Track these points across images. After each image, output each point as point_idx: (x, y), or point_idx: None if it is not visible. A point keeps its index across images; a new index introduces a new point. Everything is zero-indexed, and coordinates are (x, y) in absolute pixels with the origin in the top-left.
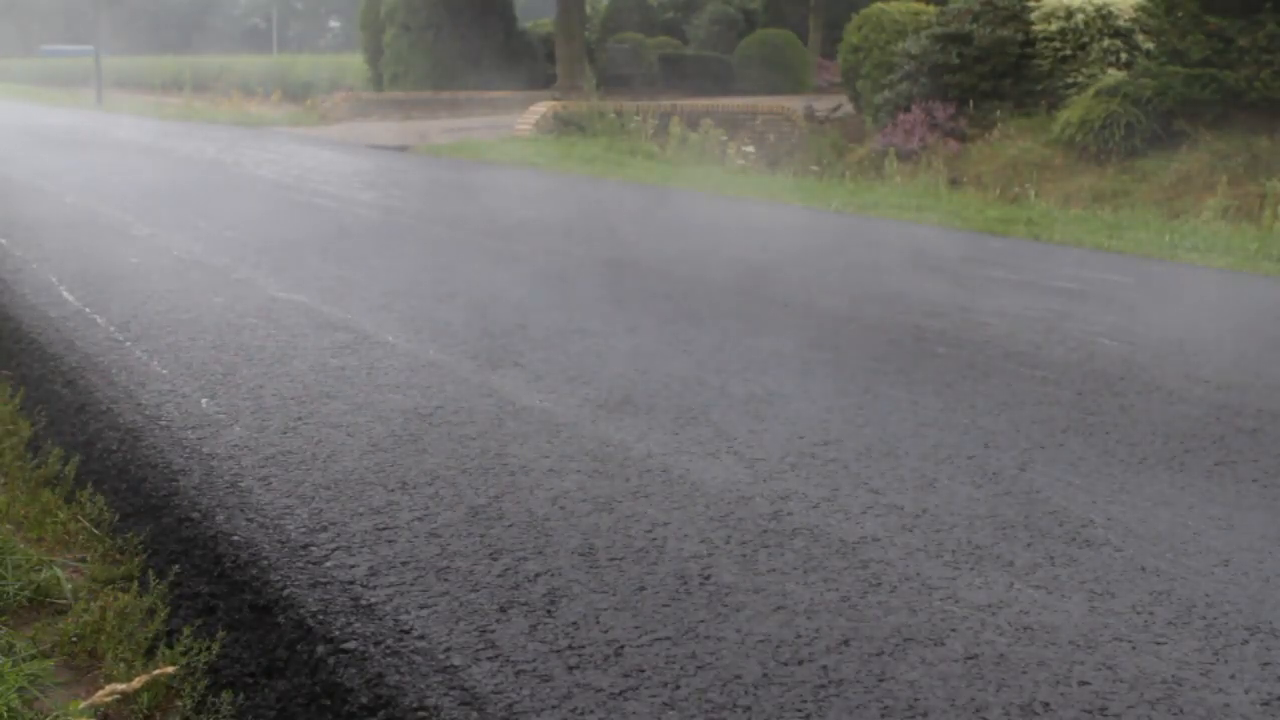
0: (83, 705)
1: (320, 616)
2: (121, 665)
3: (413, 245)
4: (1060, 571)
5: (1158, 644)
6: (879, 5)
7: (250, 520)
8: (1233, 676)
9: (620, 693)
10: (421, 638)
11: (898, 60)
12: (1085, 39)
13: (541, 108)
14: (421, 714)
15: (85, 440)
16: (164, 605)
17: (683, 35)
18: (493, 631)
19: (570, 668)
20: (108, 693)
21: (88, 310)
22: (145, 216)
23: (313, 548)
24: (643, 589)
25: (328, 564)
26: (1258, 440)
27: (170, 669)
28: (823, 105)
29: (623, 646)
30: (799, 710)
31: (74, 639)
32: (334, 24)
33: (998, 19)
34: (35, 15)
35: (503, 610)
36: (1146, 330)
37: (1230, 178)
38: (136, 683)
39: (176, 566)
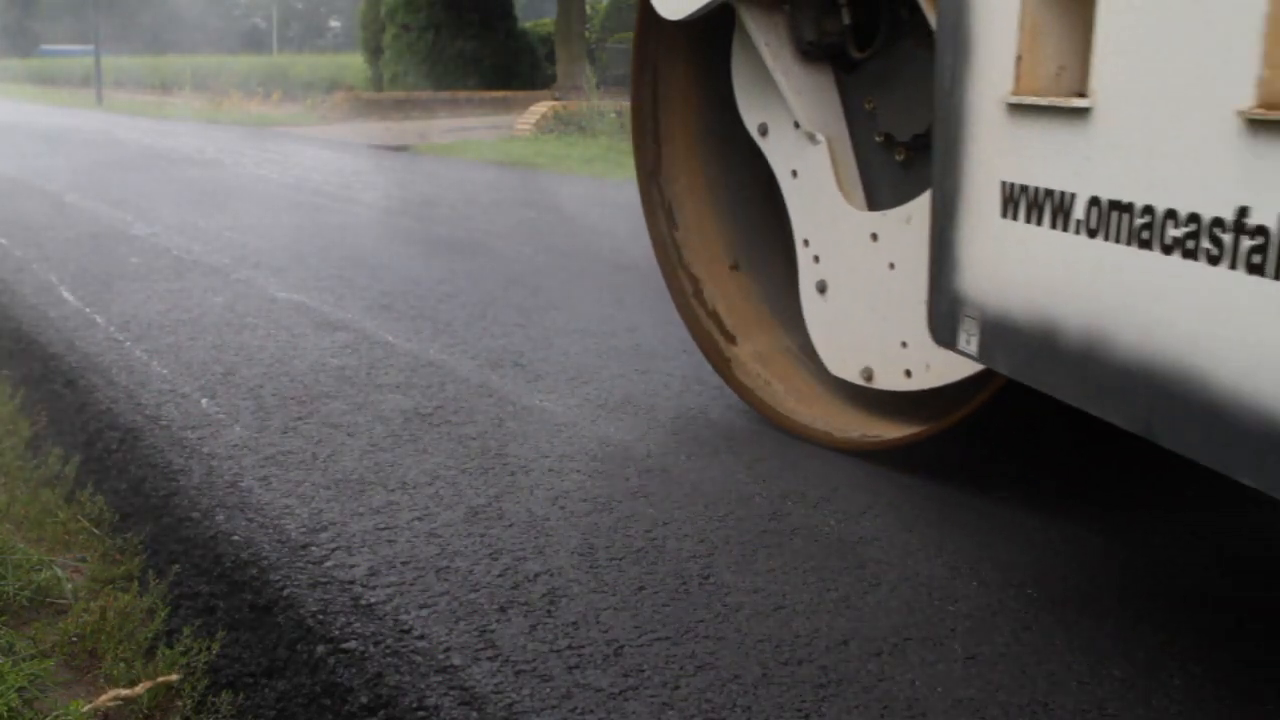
0: (85, 709)
1: (320, 616)
2: (121, 665)
3: (413, 245)
4: None
5: None
6: None
7: (250, 520)
8: None
9: (620, 693)
10: (421, 638)
11: None
12: None
13: (541, 108)
14: (421, 714)
15: (85, 440)
16: (164, 605)
17: None
18: (493, 631)
19: (570, 668)
20: (111, 698)
21: (88, 310)
22: (145, 216)
23: (313, 548)
24: (642, 589)
25: (328, 564)
26: None
27: (174, 678)
28: None
29: (623, 646)
30: (798, 710)
31: (74, 639)
32: (334, 24)
33: None
34: (35, 15)
35: (503, 610)
36: None
37: None
38: (140, 689)
39: (176, 566)
